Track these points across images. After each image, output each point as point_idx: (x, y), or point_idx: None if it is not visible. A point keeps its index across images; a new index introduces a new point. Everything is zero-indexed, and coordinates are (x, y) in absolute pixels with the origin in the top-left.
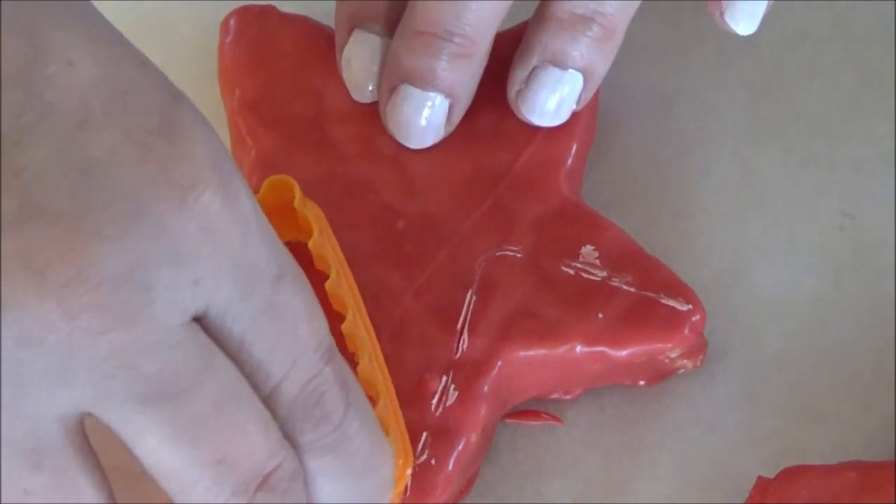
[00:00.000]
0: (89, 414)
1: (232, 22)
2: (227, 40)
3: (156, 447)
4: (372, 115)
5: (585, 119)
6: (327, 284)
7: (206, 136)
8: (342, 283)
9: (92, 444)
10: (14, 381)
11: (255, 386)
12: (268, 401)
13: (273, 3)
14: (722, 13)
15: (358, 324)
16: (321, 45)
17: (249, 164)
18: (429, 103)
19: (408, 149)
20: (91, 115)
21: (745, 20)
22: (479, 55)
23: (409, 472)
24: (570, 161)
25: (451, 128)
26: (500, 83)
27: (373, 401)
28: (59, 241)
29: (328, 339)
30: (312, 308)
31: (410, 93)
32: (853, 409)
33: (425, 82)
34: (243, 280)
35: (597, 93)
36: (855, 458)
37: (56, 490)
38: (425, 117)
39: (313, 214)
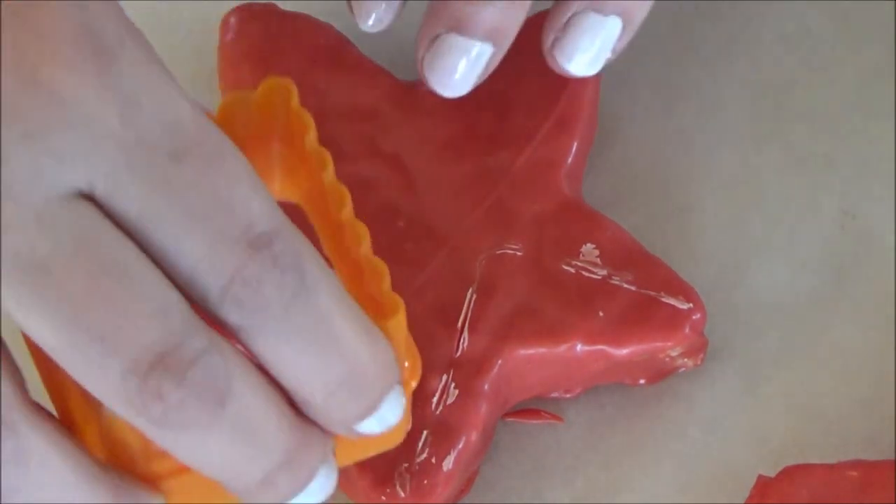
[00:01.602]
0: None
1: (232, 20)
2: (228, 38)
3: (35, 325)
4: (373, 114)
5: (586, 118)
6: (325, 177)
7: (75, 12)
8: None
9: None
10: None
11: (170, 267)
12: (191, 285)
13: (273, 1)
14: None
15: (353, 213)
16: (322, 43)
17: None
18: (473, 52)
19: (408, 147)
20: None
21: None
22: (529, 3)
23: (415, 383)
24: (570, 160)
25: (485, 76)
26: (499, 82)
27: (378, 287)
28: None
29: (265, 222)
30: (236, 188)
31: (456, 42)
32: (853, 409)
33: (473, 30)
34: (128, 155)
35: (598, 91)
36: (855, 458)
37: None
38: (467, 65)
39: (308, 116)
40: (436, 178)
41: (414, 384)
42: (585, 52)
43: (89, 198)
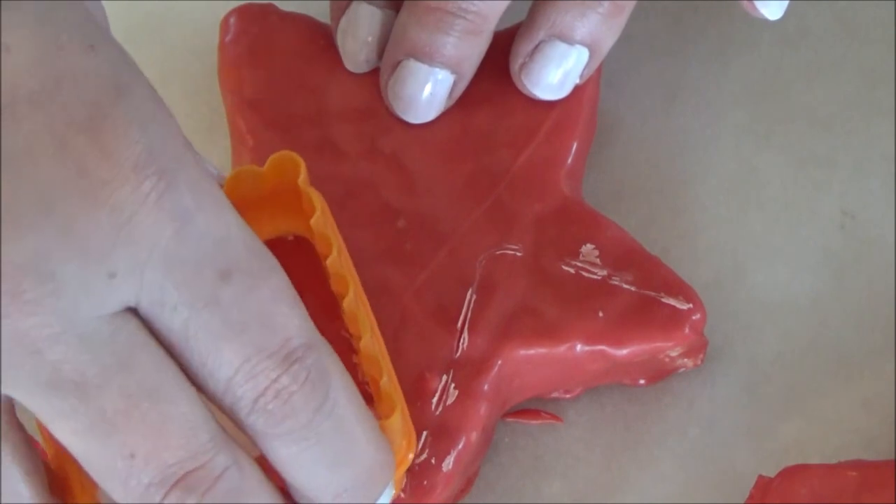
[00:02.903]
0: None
1: (232, 20)
2: (227, 39)
3: (67, 435)
4: (372, 114)
5: (585, 118)
6: (329, 262)
7: (138, 131)
8: (342, 262)
9: None
10: None
11: (206, 379)
12: (224, 395)
13: (273, 1)
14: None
15: (358, 302)
16: (321, 43)
17: (249, 162)
18: (434, 78)
19: (408, 148)
20: (17, 102)
21: (775, 4)
22: (488, 32)
23: (411, 455)
24: (570, 160)
25: (451, 103)
26: (501, 82)
27: (376, 379)
28: None
29: (299, 336)
30: (276, 305)
31: (416, 68)
32: (853, 409)
33: (432, 57)
34: (179, 272)
35: (598, 91)
36: (855, 458)
37: None
38: (429, 92)
39: (316, 196)
40: (435, 178)
41: (411, 456)
42: (552, 78)
43: (134, 310)
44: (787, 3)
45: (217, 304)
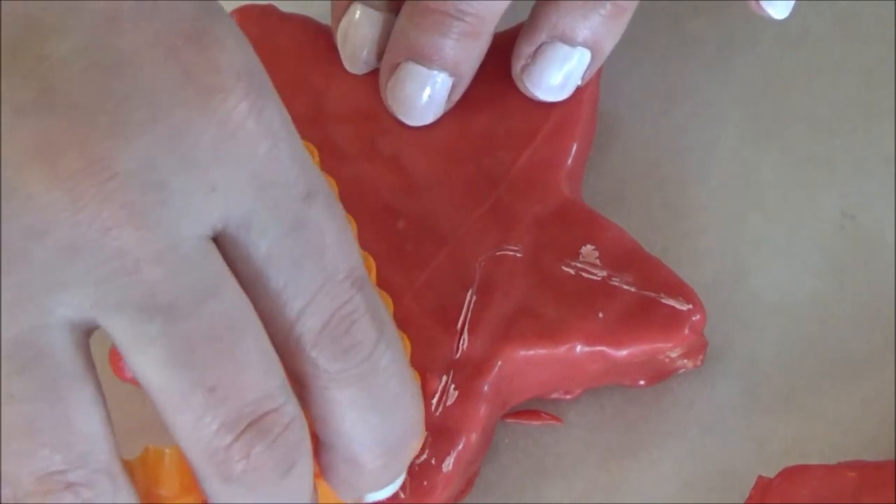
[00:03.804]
0: (89, 325)
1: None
2: None
3: (148, 362)
4: (372, 115)
5: (585, 119)
6: None
7: (237, 48)
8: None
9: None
10: (14, 275)
11: (281, 308)
12: (294, 325)
13: (273, 2)
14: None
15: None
16: (321, 44)
17: None
18: (433, 81)
19: (408, 149)
20: (122, 12)
21: (781, 3)
22: (487, 34)
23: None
24: (570, 161)
25: (451, 105)
26: (501, 83)
27: None
28: (72, 132)
29: (360, 268)
30: (344, 233)
31: (415, 70)
32: (853, 409)
33: (431, 60)
34: (269, 193)
35: (598, 92)
36: (855, 458)
37: (40, 398)
38: (428, 95)
39: (332, 181)
40: (435, 179)
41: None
42: (554, 80)
43: (216, 241)
44: (793, 2)
45: (302, 227)
